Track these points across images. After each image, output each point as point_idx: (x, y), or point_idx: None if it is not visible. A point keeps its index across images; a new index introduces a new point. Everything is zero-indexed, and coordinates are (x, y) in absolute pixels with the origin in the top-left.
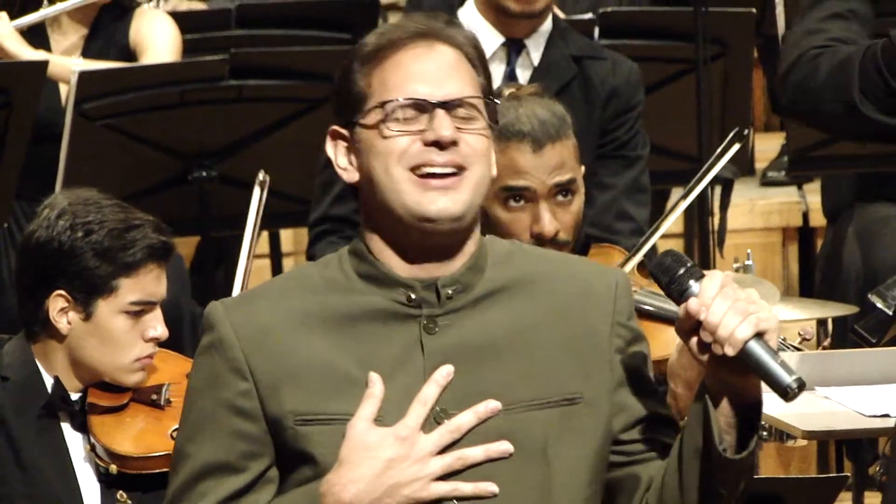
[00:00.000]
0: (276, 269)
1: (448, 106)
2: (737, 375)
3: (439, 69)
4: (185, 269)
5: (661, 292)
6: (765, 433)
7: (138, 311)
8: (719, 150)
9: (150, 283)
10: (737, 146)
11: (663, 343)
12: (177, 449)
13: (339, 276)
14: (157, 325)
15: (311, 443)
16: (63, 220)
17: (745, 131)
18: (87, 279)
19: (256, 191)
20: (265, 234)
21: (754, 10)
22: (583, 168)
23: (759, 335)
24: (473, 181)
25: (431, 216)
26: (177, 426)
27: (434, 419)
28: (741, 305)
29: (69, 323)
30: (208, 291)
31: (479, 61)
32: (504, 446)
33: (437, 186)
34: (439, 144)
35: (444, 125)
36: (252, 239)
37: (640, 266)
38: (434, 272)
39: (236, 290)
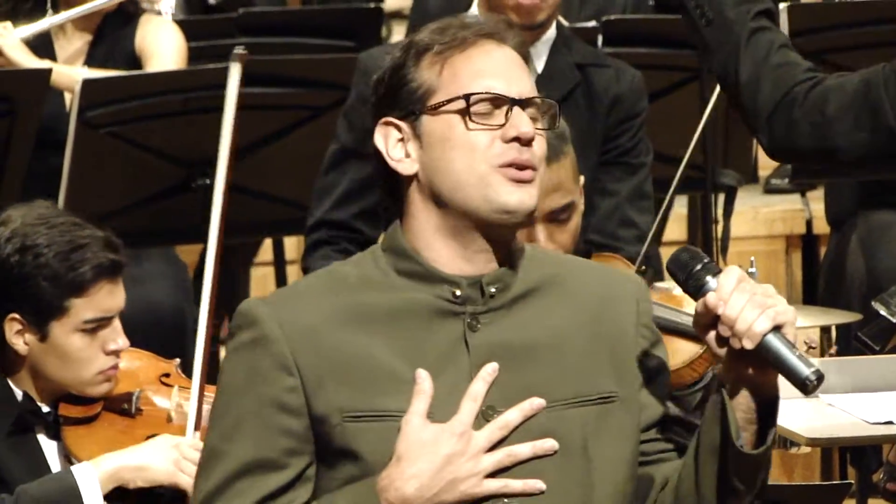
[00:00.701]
0: (280, 276)
1: (523, 103)
2: (755, 370)
3: (509, 67)
4: (188, 276)
5: (668, 304)
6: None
7: (95, 328)
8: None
9: (104, 300)
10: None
11: (670, 353)
12: (209, 448)
13: (375, 274)
14: (117, 339)
15: (358, 440)
16: (12, 243)
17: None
18: (37, 303)
19: (236, 68)
20: (268, 241)
21: None
22: (582, 179)
23: (776, 329)
24: (538, 180)
25: (512, 208)
26: (150, 434)
27: (482, 416)
28: (759, 299)
29: (26, 344)
30: (217, 303)
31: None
32: (550, 443)
33: (518, 179)
34: (520, 140)
35: (523, 122)
36: (231, 126)
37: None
38: (480, 269)
39: (219, 191)
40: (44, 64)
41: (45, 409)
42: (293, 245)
